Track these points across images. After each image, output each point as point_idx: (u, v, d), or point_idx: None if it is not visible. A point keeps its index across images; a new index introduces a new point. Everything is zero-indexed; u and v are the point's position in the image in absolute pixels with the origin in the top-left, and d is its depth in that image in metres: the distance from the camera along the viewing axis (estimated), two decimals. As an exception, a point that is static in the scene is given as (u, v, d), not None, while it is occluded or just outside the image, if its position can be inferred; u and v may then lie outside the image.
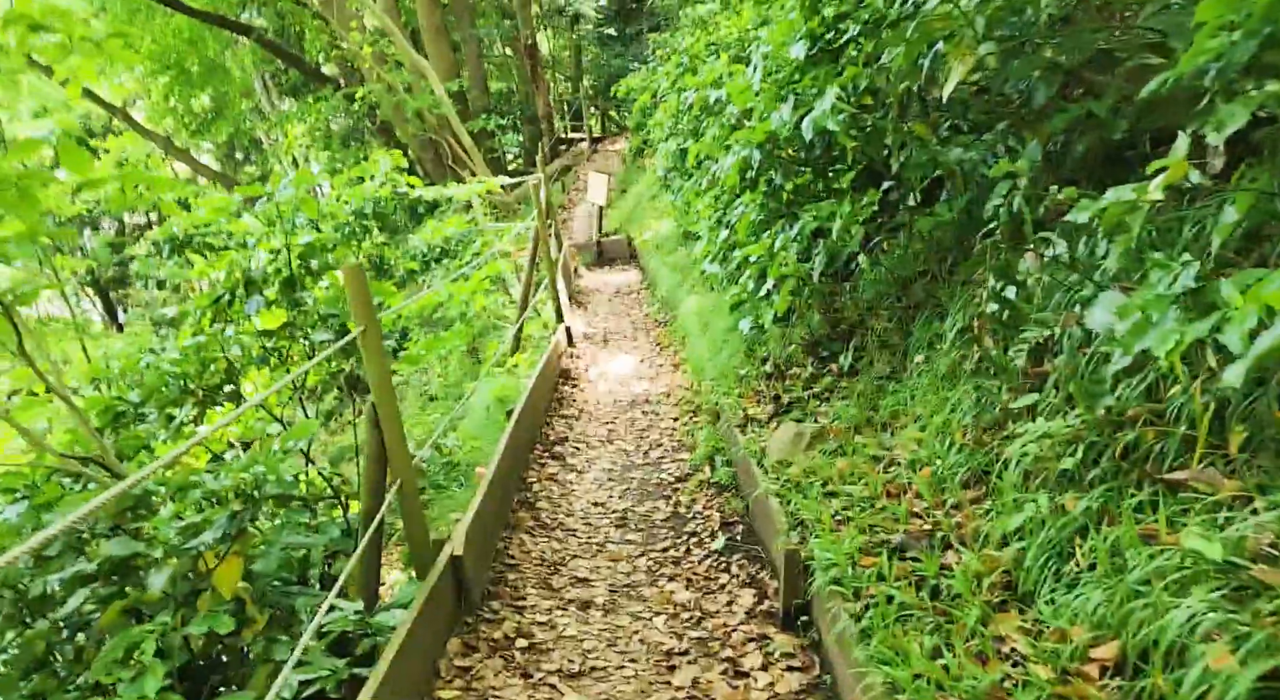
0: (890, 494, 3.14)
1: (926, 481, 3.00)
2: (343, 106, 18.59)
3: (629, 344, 8.22)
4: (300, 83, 22.31)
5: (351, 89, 17.94)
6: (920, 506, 2.93)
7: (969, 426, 2.97)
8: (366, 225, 10.62)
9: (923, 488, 2.98)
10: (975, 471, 2.86)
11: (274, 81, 23.98)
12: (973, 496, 2.79)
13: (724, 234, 6.07)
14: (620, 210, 14.02)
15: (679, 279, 8.35)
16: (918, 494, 3.01)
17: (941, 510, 2.83)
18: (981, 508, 2.70)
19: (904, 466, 3.26)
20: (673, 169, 9.05)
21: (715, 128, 6.78)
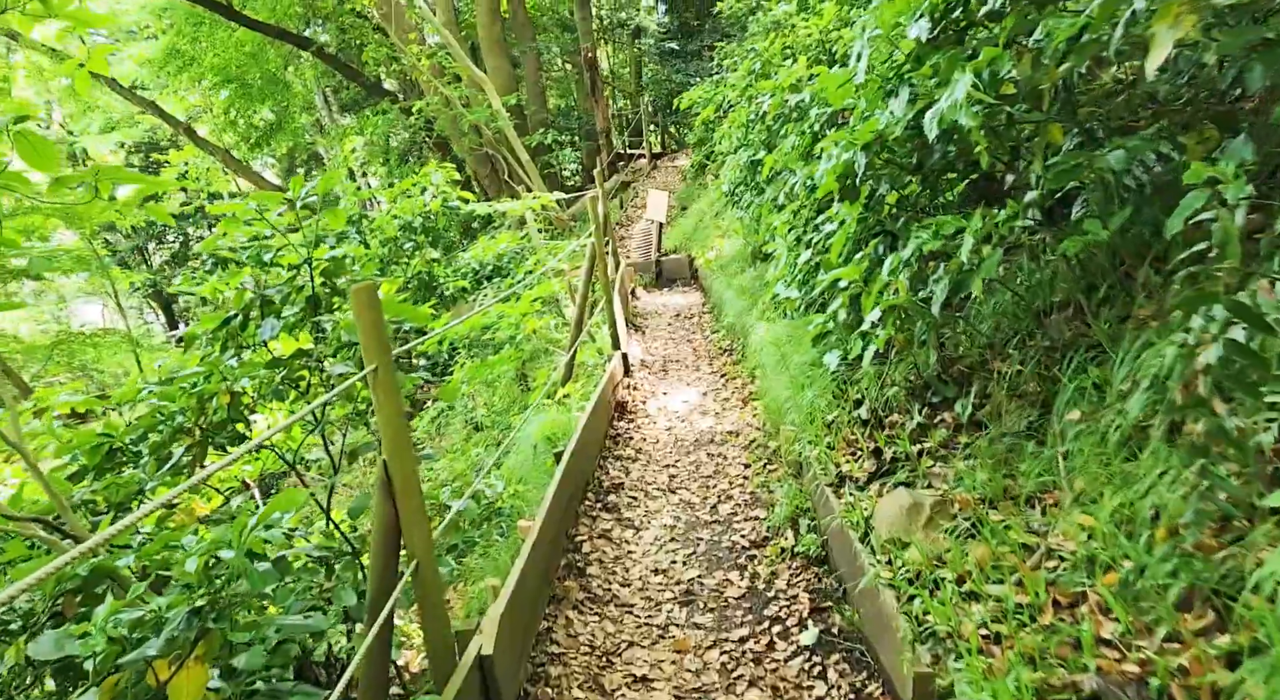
0: (1060, 603, 2.35)
1: (1115, 592, 2.21)
2: (400, 121, 18.35)
3: (690, 374, 7.49)
4: (360, 97, 22.27)
5: (409, 103, 17.68)
6: (1113, 630, 2.14)
7: (1182, 522, 2.16)
8: (416, 240, 10.13)
9: (1111, 601, 2.19)
10: (1198, 587, 2.06)
11: (334, 96, 24.04)
12: (1199, 625, 1.99)
13: (805, 254, 5.32)
14: (680, 228, 13.34)
15: (747, 303, 7.61)
16: (1104, 609, 2.22)
17: (1149, 640, 2.04)
18: (1217, 645, 1.90)
19: (1071, 564, 2.46)
20: (741, 183, 8.34)
21: (795, 136, 6.04)
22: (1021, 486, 3.00)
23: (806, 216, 5.93)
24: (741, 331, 7.52)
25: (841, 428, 4.21)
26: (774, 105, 6.61)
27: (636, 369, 7.60)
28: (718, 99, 12.82)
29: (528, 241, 11.51)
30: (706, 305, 9.92)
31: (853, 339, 4.53)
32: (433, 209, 9.87)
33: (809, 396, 4.48)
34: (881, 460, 3.73)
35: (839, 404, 4.39)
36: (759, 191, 7.98)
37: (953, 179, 4.10)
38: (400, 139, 22.81)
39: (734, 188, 8.72)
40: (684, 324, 9.37)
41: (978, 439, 3.46)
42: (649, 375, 7.49)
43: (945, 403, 3.86)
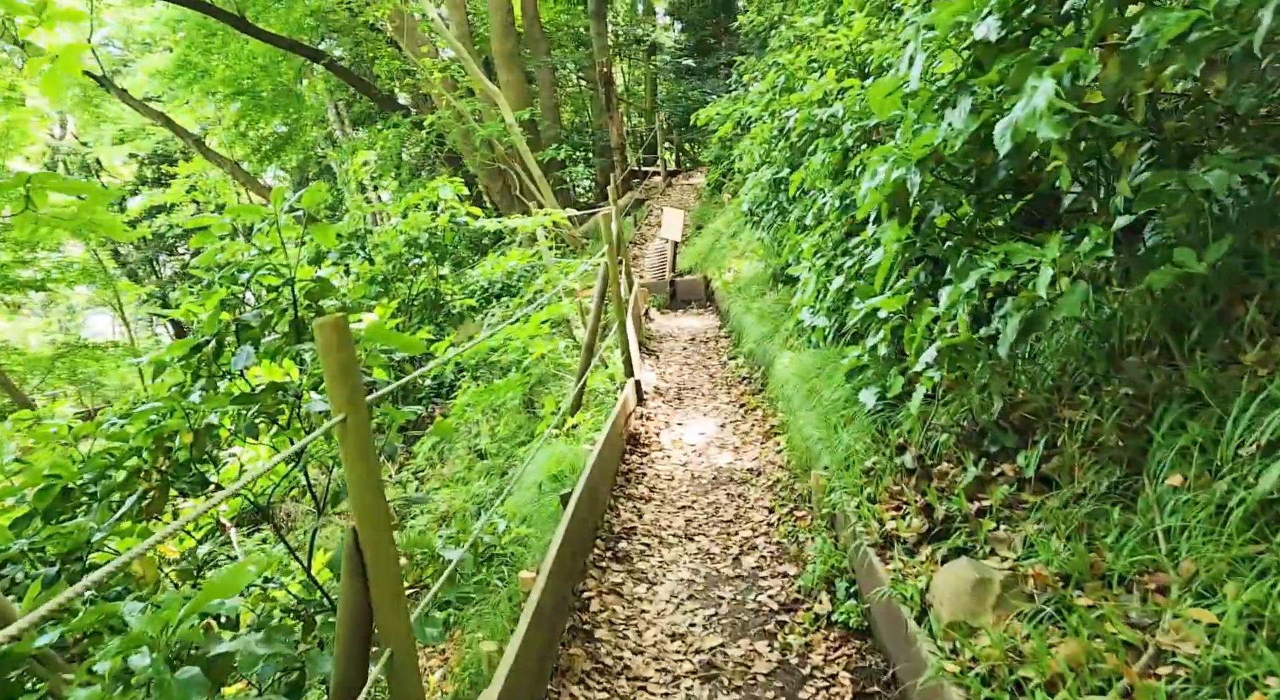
0: (1185, 730, 1.89)
1: (1262, 722, 1.75)
2: (411, 134, 18.07)
3: (707, 403, 7.05)
4: (372, 110, 22.04)
5: (420, 117, 17.40)
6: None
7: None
8: (422, 256, 9.75)
9: (1259, 736, 1.73)
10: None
11: (346, 109, 23.85)
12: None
13: (837, 281, 4.89)
14: (696, 248, 12.94)
15: (768, 329, 7.17)
16: (1249, 744, 1.76)
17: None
18: None
19: (1195, 674, 2.00)
20: (762, 202, 7.93)
21: (824, 153, 5.63)
22: (1114, 564, 2.53)
23: (835, 239, 5.51)
24: (762, 359, 7.07)
25: (883, 476, 3.75)
26: (801, 120, 6.21)
27: (650, 397, 7.16)
28: (736, 115, 12.46)
29: (538, 259, 11.14)
30: (723, 329, 9.49)
31: (892, 375, 4.10)
32: (439, 224, 9.48)
33: (845, 439, 4.03)
34: (933, 519, 3.27)
35: (878, 448, 3.93)
36: (781, 211, 7.57)
37: (1006, 200, 3.67)
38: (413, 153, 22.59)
39: (754, 207, 8.32)
40: (700, 348, 8.93)
41: (1047, 499, 3.00)
42: (663, 404, 7.05)
43: (1004, 453, 3.40)
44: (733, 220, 12.52)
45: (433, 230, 9.42)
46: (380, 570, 2.08)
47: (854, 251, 5.00)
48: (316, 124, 23.61)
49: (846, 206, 5.37)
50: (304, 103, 20.75)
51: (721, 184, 14.48)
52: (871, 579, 3.19)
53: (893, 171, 3.21)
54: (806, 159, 6.33)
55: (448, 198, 10.24)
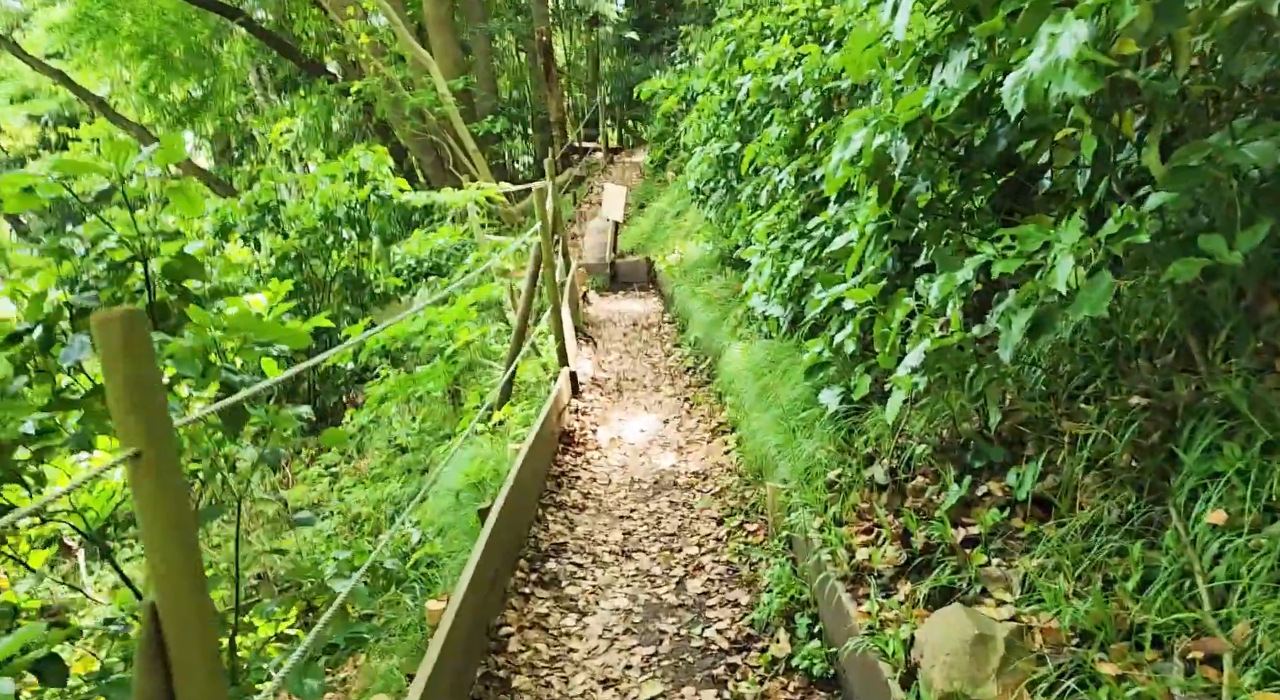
0: None
1: None
2: (337, 102, 17.02)
3: (649, 395, 6.52)
4: (297, 76, 20.81)
5: (345, 83, 16.39)
6: None
7: None
8: (339, 232, 8.97)
9: None
10: None
11: (270, 74, 22.52)
12: None
13: (796, 266, 4.39)
14: (638, 228, 12.37)
15: (716, 316, 6.66)
16: None
17: None
18: None
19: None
20: (710, 180, 7.40)
21: (780, 125, 5.12)
22: (1137, 615, 2.08)
23: (792, 219, 5.01)
24: (709, 349, 6.56)
25: (849, 492, 3.27)
26: (754, 88, 5.67)
27: (587, 388, 6.60)
28: (681, 89, 11.91)
29: (469, 237, 10.43)
30: (667, 314, 8.96)
31: (858, 374, 3.62)
32: (359, 197, 8.72)
33: (806, 447, 3.53)
34: (911, 547, 2.79)
35: (844, 459, 3.45)
36: (730, 189, 7.05)
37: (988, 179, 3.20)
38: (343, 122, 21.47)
39: (701, 184, 7.78)
40: (641, 335, 8.39)
41: (1046, 527, 2.55)
42: (601, 396, 6.49)
43: (990, 469, 2.94)
44: (677, 199, 11.99)
45: (352, 203, 8.65)
46: (190, 660, 1.49)
47: (813, 234, 4.51)
48: (237, 89, 22.26)
49: (804, 184, 4.88)
50: (221, 65, 19.45)
51: (665, 161, 13.91)
52: (840, 619, 2.70)
53: (873, 138, 2.69)
54: (759, 132, 5.81)
55: (370, 168, 9.47)
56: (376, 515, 5.96)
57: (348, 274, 9.85)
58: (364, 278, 10.08)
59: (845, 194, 4.54)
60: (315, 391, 9.36)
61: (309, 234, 8.64)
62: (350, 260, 9.87)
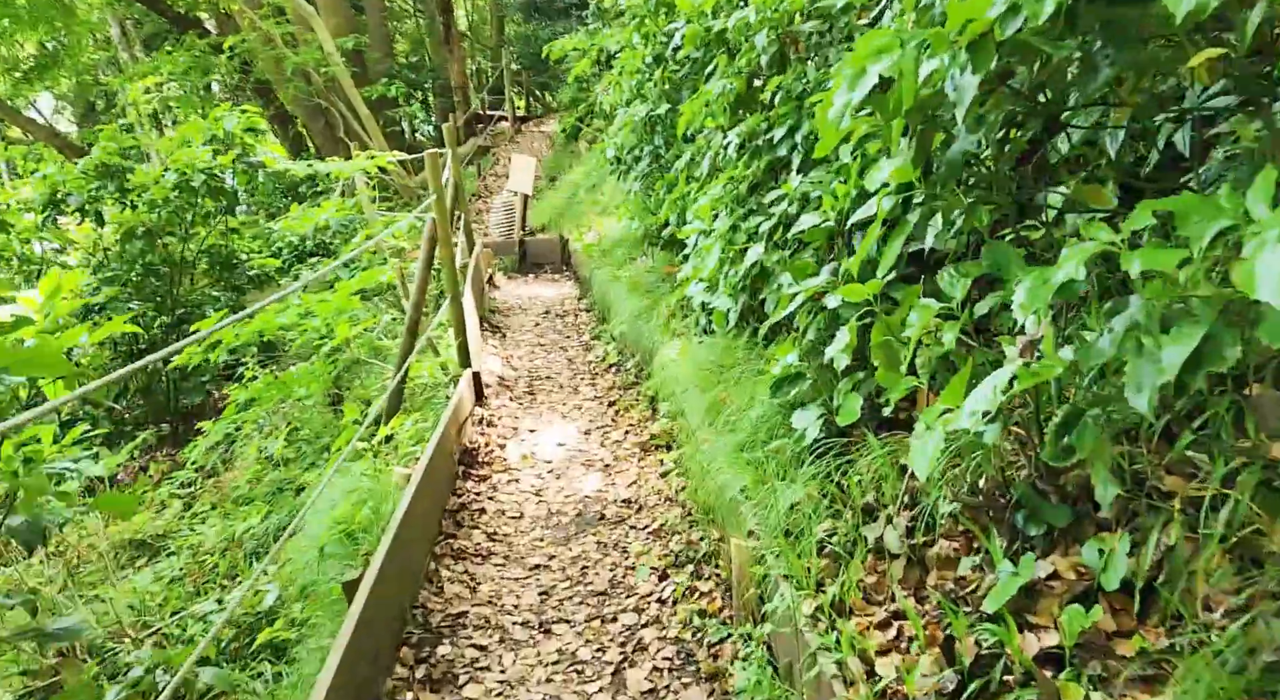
0: None
1: None
2: (209, 60, 15.23)
3: (567, 398, 5.58)
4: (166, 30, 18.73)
5: (216, 39, 14.67)
6: None
7: None
8: (195, 204, 7.64)
9: None
10: None
11: (136, 28, 20.28)
12: None
13: (754, 252, 3.52)
14: (550, 203, 11.33)
15: (643, 304, 5.75)
16: None
17: None
18: None
19: None
20: (633, 147, 6.46)
21: (725, 78, 4.23)
22: None
23: (741, 193, 4.13)
24: (637, 344, 5.66)
25: (847, 559, 2.43)
26: (690, 36, 4.75)
27: (494, 391, 5.61)
28: (594, 51, 10.89)
29: (358, 211, 9.19)
30: (584, 300, 7.99)
31: (843, 393, 2.79)
32: (222, 164, 7.42)
33: (785, 496, 2.67)
34: (957, 660, 1.97)
35: (836, 509, 2.61)
36: (658, 157, 6.13)
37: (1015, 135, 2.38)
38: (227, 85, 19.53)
39: (622, 153, 6.84)
40: (556, 324, 7.41)
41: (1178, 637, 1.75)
42: (510, 401, 5.52)
43: (1049, 537, 2.14)
44: (593, 170, 10.98)
45: (211, 171, 7.34)
46: None
47: (772, 210, 3.65)
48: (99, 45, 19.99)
49: (756, 150, 4.00)
50: (74, 17, 17.25)
51: (579, 130, 12.86)
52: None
53: (914, 67, 1.80)
54: (696, 90, 4.91)
55: (237, 131, 8.14)
56: (234, 553, 4.88)
57: (215, 253, 8.54)
58: (234, 257, 8.78)
59: (809, 162, 3.70)
60: (174, 391, 8.06)
61: (160, 207, 7.29)
62: (218, 237, 8.55)
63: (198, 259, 8.44)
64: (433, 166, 5.09)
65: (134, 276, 7.67)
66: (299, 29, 14.38)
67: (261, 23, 13.85)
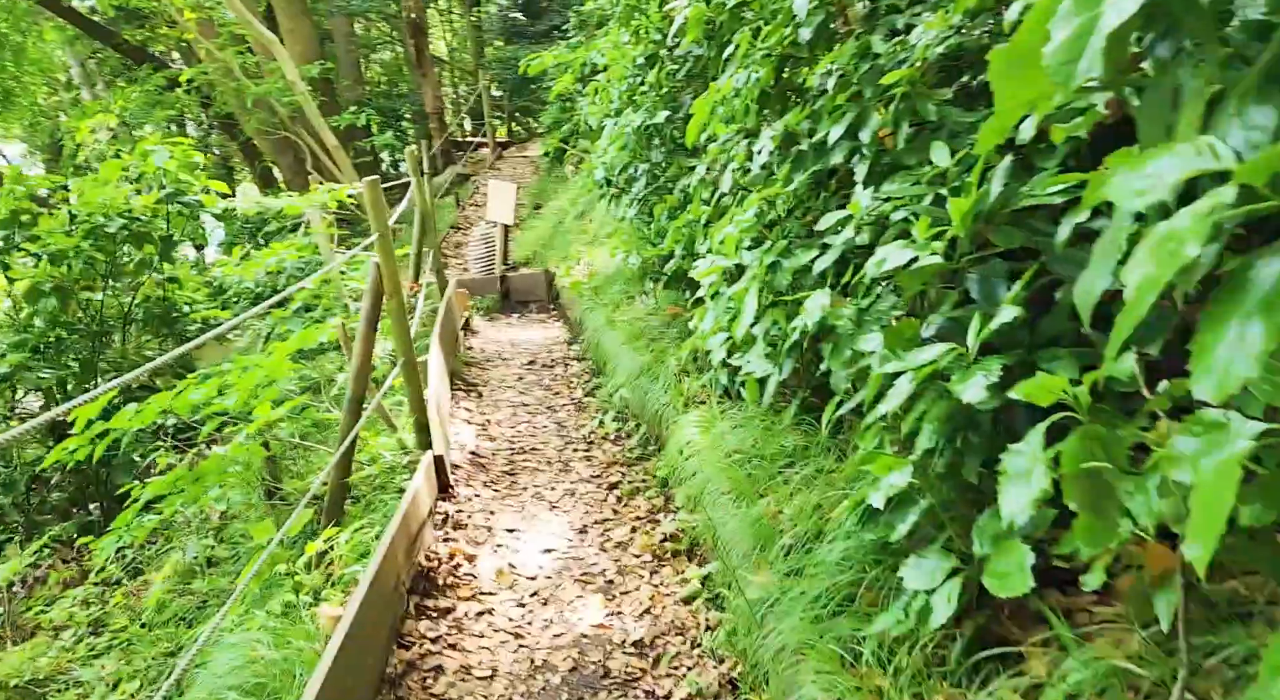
0: None
1: None
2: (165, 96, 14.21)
3: (557, 478, 4.46)
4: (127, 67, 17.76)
5: (172, 73, 13.68)
6: None
7: None
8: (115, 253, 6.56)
9: None
10: None
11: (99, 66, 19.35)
12: None
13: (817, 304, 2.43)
14: (535, 233, 10.26)
15: (645, 358, 4.65)
16: None
17: None
18: None
19: None
20: (626, 166, 5.40)
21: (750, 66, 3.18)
22: None
23: (775, 216, 3.05)
24: (643, 409, 4.55)
25: None
26: (695, 18, 3.68)
27: (465, 473, 4.49)
28: (577, 64, 9.88)
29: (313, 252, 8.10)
30: (574, 346, 6.88)
31: (983, 533, 1.70)
32: (144, 204, 6.36)
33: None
34: None
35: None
36: (656, 176, 5.07)
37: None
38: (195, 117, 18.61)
39: (612, 174, 5.77)
40: (543, 377, 6.29)
41: None
42: (485, 488, 4.39)
43: None
44: (580, 195, 9.92)
45: (130, 214, 6.26)
46: None
47: (828, 238, 2.57)
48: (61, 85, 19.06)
49: (799, 157, 2.93)
50: (26, 55, 16.31)
51: (563, 152, 11.82)
52: None
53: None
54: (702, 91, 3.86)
55: (171, 166, 7.09)
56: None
57: (150, 306, 7.44)
58: (174, 310, 7.68)
59: (882, 169, 2.66)
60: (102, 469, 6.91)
61: (70, 258, 6.19)
62: (151, 289, 7.45)
63: (132, 313, 7.34)
64: (373, 198, 4.01)
65: (51, 338, 6.57)
66: (262, 57, 13.41)
67: (219, 52, 12.86)
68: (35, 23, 16.51)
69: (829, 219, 2.60)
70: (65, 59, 18.92)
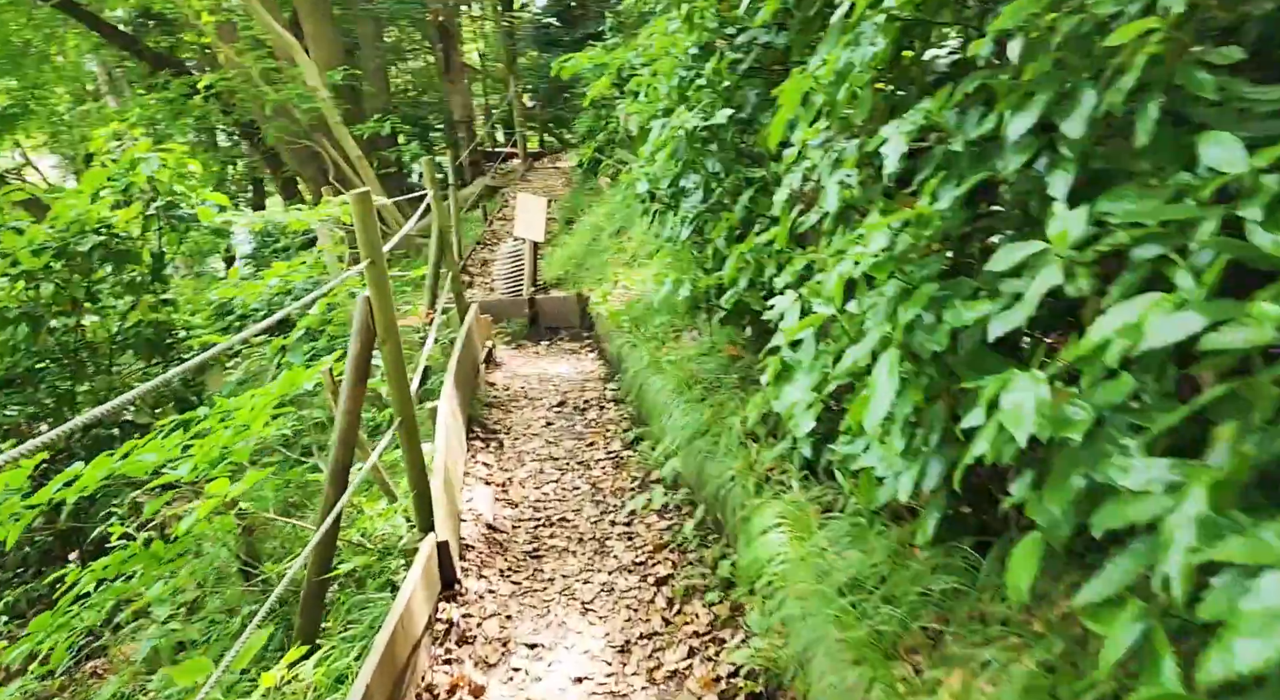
0: None
1: None
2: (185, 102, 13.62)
3: (591, 566, 3.56)
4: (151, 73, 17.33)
5: (192, 79, 13.10)
6: None
7: None
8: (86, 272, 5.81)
9: None
10: None
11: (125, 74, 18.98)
12: None
13: (1024, 397, 1.51)
14: (566, 251, 9.43)
15: (700, 415, 3.75)
16: None
17: None
18: None
19: None
20: (676, 177, 4.52)
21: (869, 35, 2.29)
22: None
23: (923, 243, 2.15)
24: (700, 484, 3.64)
25: None
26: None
27: (477, 556, 3.62)
28: (615, 66, 9.04)
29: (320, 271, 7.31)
30: (610, 384, 5.99)
31: None
32: (121, 219, 5.63)
33: None
34: None
35: None
36: (712, 190, 4.18)
37: None
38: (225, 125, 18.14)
39: (657, 186, 4.89)
40: (574, 423, 5.41)
41: None
42: (501, 579, 3.51)
43: None
44: (617, 210, 9.06)
45: (110, 230, 5.52)
46: None
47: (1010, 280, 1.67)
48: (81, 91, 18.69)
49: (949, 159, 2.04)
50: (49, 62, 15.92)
51: (597, 163, 10.99)
52: None
53: None
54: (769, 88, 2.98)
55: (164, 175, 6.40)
56: None
57: (140, 332, 6.70)
58: (169, 336, 6.94)
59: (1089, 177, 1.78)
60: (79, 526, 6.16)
61: (40, 279, 5.46)
62: (144, 313, 6.73)
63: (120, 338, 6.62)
64: (361, 215, 3.18)
65: (20, 369, 5.85)
66: (284, 63, 12.78)
67: (238, 57, 12.25)
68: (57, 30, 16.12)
69: (1009, 254, 1.70)
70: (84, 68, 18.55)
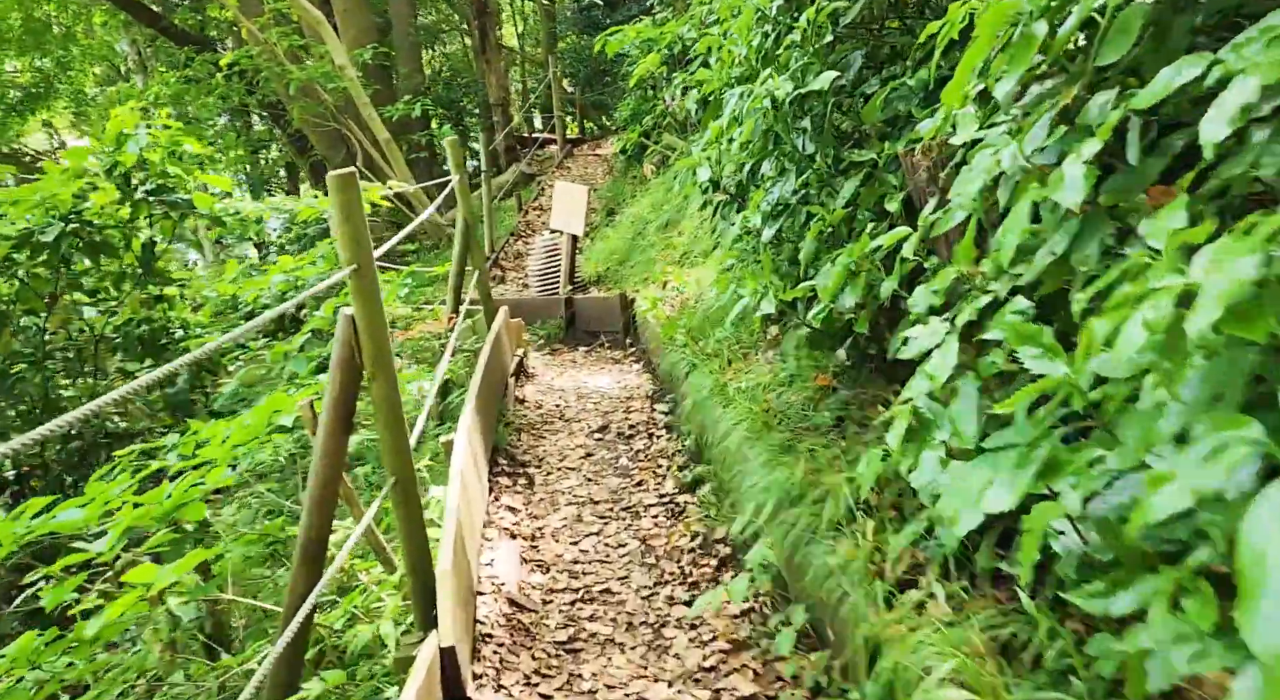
0: None
1: None
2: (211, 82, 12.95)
3: (644, 674, 2.72)
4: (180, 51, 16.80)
5: (213, 56, 12.43)
6: None
7: None
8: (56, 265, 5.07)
9: None
10: None
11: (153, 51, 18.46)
12: None
13: None
14: (607, 245, 8.59)
15: (792, 475, 2.89)
16: None
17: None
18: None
19: None
20: (753, 160, 3.64)
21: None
22: None
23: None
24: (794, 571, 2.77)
25: None
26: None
27: (495, 651, 2.79)
28: (665, 41, 8.18)
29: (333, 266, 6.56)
30: (660, 405, 5.13)
31: None
32: (96, 204, 4.91)
33: None
34: None
35: None
36: (809, 184, 3.29)
37: None
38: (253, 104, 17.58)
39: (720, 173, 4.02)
40: (618, 454, 4.56)
41: None
42: (526, 687, 2.67)
43: None
44: (664, 200, 8.18)
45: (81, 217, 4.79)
46: None
47: None
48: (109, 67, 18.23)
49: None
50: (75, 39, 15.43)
51: (643, 149, 10.12)
52: None
53: None
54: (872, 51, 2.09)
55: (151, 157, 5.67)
56: None
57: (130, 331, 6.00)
58: (164, 335, 6.23)
59: None
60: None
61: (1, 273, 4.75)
62: (135, 310, 6.03)
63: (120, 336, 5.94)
64: (343, 206, 2.35)
65: (-12, 373, 5.16)
66: (311, 40, 12.07)
67: (262, 34, 11.55)
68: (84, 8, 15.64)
69: None
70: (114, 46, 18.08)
